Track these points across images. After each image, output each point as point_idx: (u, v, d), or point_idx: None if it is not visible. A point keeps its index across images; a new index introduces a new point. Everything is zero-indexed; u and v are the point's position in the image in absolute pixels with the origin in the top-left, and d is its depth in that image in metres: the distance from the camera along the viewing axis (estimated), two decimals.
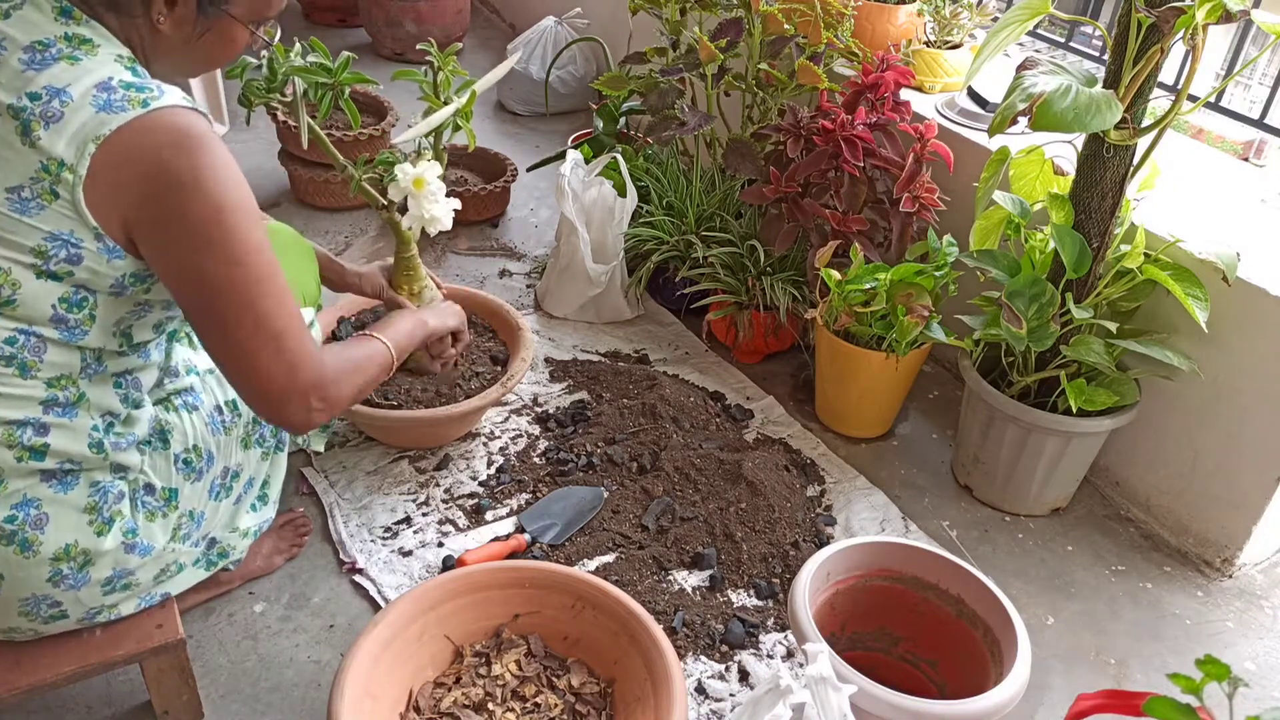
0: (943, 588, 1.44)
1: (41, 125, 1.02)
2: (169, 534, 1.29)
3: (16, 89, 1.04)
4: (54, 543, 1.16)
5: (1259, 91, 3.33)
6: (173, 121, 1.06)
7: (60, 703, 1.43)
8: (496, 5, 4.31)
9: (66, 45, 1.06)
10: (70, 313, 1.10)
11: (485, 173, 2.83)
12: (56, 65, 1.05)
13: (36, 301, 1.08)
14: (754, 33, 2.21)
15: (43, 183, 1.04)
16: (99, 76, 1.05)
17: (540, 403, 2.09)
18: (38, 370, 1.11)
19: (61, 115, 1.03)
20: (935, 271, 1.91)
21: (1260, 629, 1.75)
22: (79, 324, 1.12)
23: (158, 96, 1.06)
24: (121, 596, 1.27)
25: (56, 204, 1.04)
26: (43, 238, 1.05)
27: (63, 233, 1.06)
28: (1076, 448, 1.83)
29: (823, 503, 1.91)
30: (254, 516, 1.49)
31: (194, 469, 1.31)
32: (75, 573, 1.19)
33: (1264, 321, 1.69)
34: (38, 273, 1.07)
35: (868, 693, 1.20)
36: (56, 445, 1.14)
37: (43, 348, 1.11)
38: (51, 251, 1.06)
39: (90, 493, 1.19)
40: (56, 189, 1.04)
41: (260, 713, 1.45)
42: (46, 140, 1.03)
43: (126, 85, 1.05)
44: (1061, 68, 1.56)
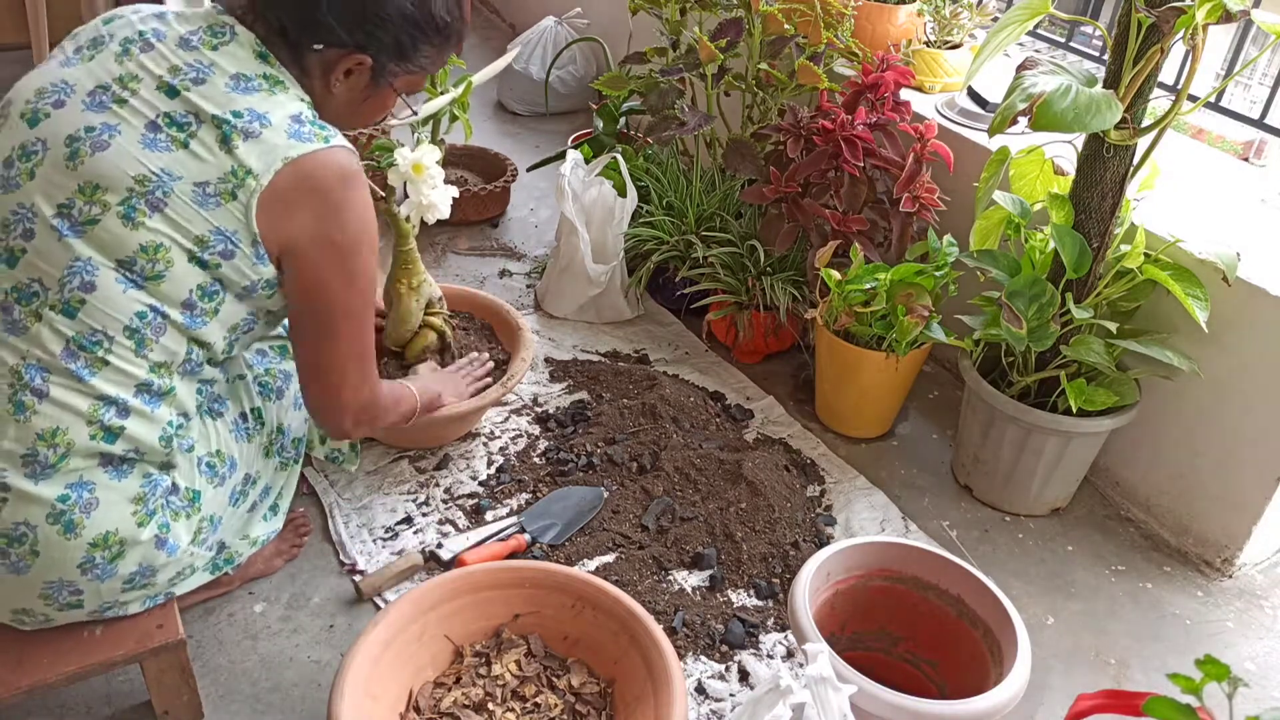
0: (943, 588, 1.44)
1: (241, 138, 1.17)
2: (191, 535, 1.31)
3: (221, 104, 1.18)
4: (96, 528, 1.19)
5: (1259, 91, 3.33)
6: (342, 159, 1.22)
7: (60, 703, 1.43)
8: (496, 5, 4.31)
9: (265, 82, 1.22)
10: (201, 301, 1.21)
11: (485, 173, 2.83)
12: (257, 94, 1.20)
13: (180, 282, 1.19)
14: (754, 33, 2.21)
15: (228, 184, 1.17)
16: (292, 110, 1.21)
17: (540, 403, 2.09)
18: (150, 350, 1.20)
19: (260, 134, 1.18)
20: (935, 271, 1.91)
21: (1260, 629, 1.75)
22: (204, 313, 1.22)
23: (333, 136, 1.23)
24: (136, 595, 1.28)
25: (232, 205, 1.17)
26: (209, 229, 1.18)
27: (227, 229, 1.18)
28: (1076, 448, 1.83)
29: (823, 503, 1.91)
30: (264, 526, 1.51)
31: (217, 474, 1.34)
32: (107, 563, 1.21)
33: (1264, 321, 1.69)
34: (191, 257, 1.18)
35: (868, 693, 1.20)
36: (132, 430, 1.20)
37: (163, 329, 1.20)
38: (213, 242, 1.18)
39: (142, 483, 1.23)
40: (237, 192, 1.17)
41: (260, 713, 1.45)
42: (243, 151, 1.17)
43: (313, 122, 1.22)
44: (1061, 68, 1.56)
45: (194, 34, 1.22)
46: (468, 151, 2.85)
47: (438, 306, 1.86)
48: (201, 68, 1.19)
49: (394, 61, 1.28)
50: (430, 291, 1.82)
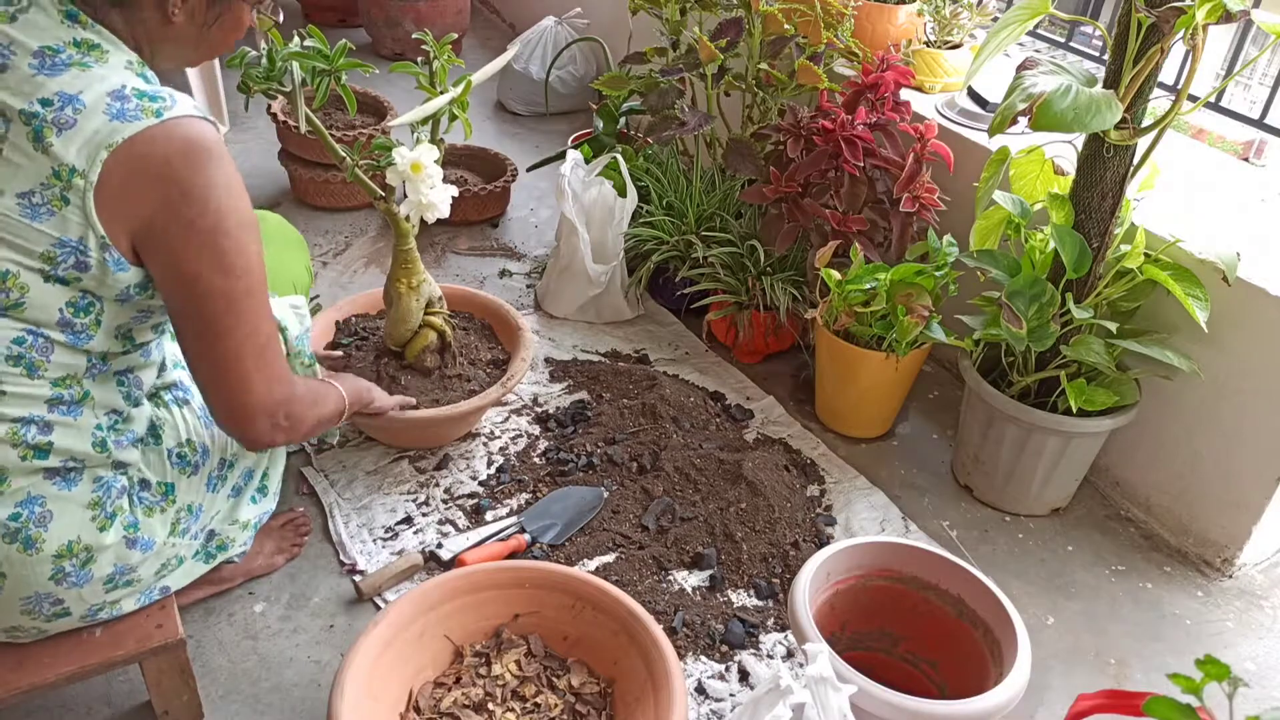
0: (943, 588, 1.44)
1: (54, 132, 1.03)
2: (168, 529, 1.30)
3: (27, 94, 1.04)
4: (57, 539, 1.17)
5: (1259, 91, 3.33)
6: (185, 132, 1.07)
7: (60, 703, 1.43)
8: (496, 5, 4.31)
9: (76, 51, 1.07)
10: (77, 317, 1.12)
11: (485, 173, 2.83)
12: (68, 72, 1.05)
13: (44, 305, 1.09)
14: (754, 33, 2.21)
15: (54, 189, 1.05)
16: (112, 84, 1.06)
17: (540, 403, 2.09)
18: (45, 370, 1.12)
19: (75, 122, 1.03)
20: (935, 271, 1.91)
21: (1260, 629, 1.75)
22: (85, 328, 1.13)
23: (170, 106, 1.07)
24: (124, 593, 1.28)
25: (66, 210, 1.06)
26: (51, 243, 1.07)
27: (70, 239, 1.07)
28: (1076, 448, 1.83)
29: (823, 503, 1.91)
30: (254, 508, 1.50)
31: (189, 463, 1.32)
32: (78, 570, 1.20)
33: (1264, 321, 1.69)
34: (45, 277, 1.08)
35: (868, 693, 1.20)
36: (61, 443, 1.15)
37: (50, 349, 1.12)
38: (60, 258, 1.07)
39: (94, 488, 1.20)
40: (67, 195, 1.05)
41: (260, 713, 1.45)
42: (59, 147, 1.03)
43: (140, 94, 1.07)
44: (1061, 68, 1.56)
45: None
46: (468, 151, 2.85)
47: (438, 306, 1.87)
48: (2, 50, 1.05)
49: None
50: (430, 291, 1.83)
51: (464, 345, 1.94)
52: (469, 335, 1.98)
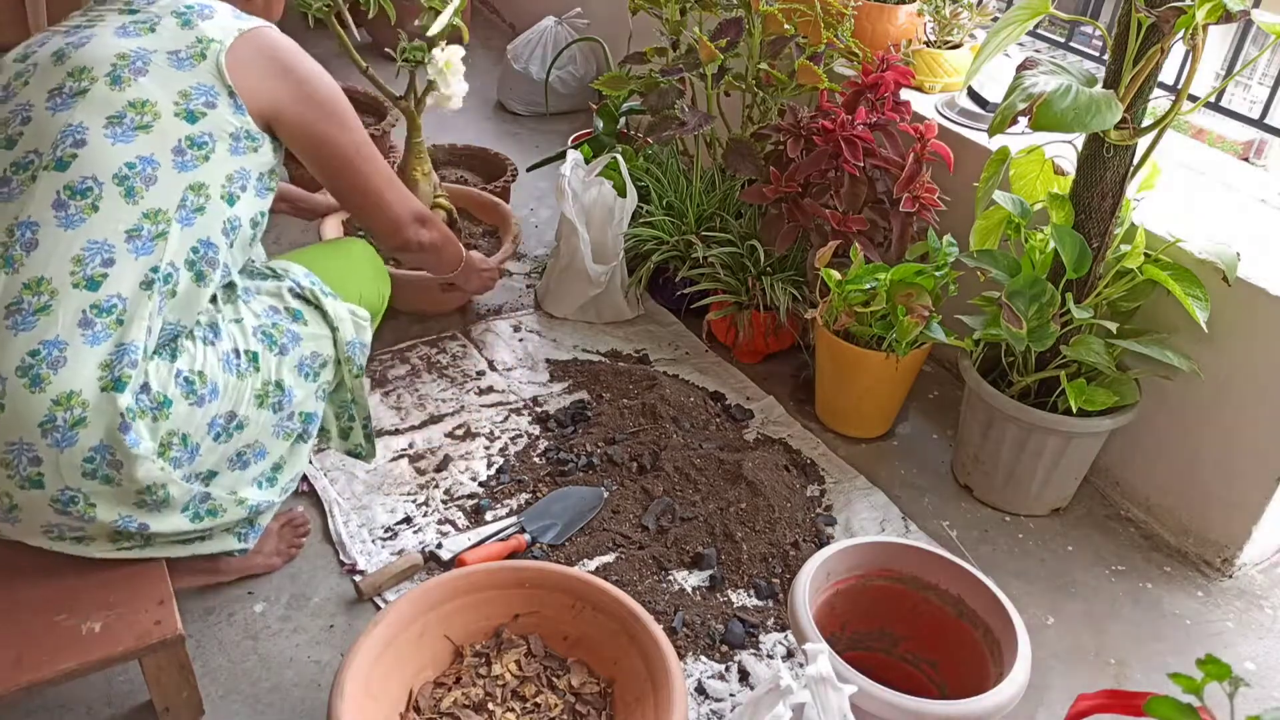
0: (943, 588, 1.44)
1: (199, 18, 1.36)
2: (156, 440, 1.27)
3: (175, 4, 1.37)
4: (61, 385, 1.19)
5: (1259, 91, 3.34)
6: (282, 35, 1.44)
7: (60, 701, 1.43)
8: (496, 5, 4.31)
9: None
10: (191, 149, 1.31)
11: (485, 172, 2.83)
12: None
13: (168, 133, 1.30)
14: (754, 33, 2.21)
15: (196, 48, 1.34)
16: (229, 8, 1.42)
17: (540, 403, 2.09)
18: (140, 197, 1.27)
19: (212, 15, 1.37)
20: (935, 271, 1.91)
21: (1260, 629, 1.75)
22: (194, 159, 1.31)
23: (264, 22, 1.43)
24: (98, 487, 1.25)
25: (204, 64, 1.33)
26: (190, 84, 1.32)
27: (205, 85, 1.33)
28: (1076, 448, 1.83)
29: (823, 503, 1.91)
30: (258, 493, 1.46)
31: (195, 391, 1.31)
32: (67, 427, 1.20)
33: (1264, 322, 1.69)
34: (176, 111, 1.30)
35: (868, 692, 1.20)
36: (114, 276, 1.24)
37: (153, 179, 1.28)
38: (194, 94, 1.32)
39: (112, 350, 1.23)
40: (205, 53, 1.34)
41: (260, 713, 1.45)
42: (202, 26, 1.35)
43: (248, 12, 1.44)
44: (1061, 68, 1.56)
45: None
46: (468, 151, 2.85)
47: (439, 191, 2.24)
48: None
49: None
50: (434, 178, 2.22)
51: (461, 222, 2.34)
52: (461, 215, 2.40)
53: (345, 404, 1.60)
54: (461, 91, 2.05)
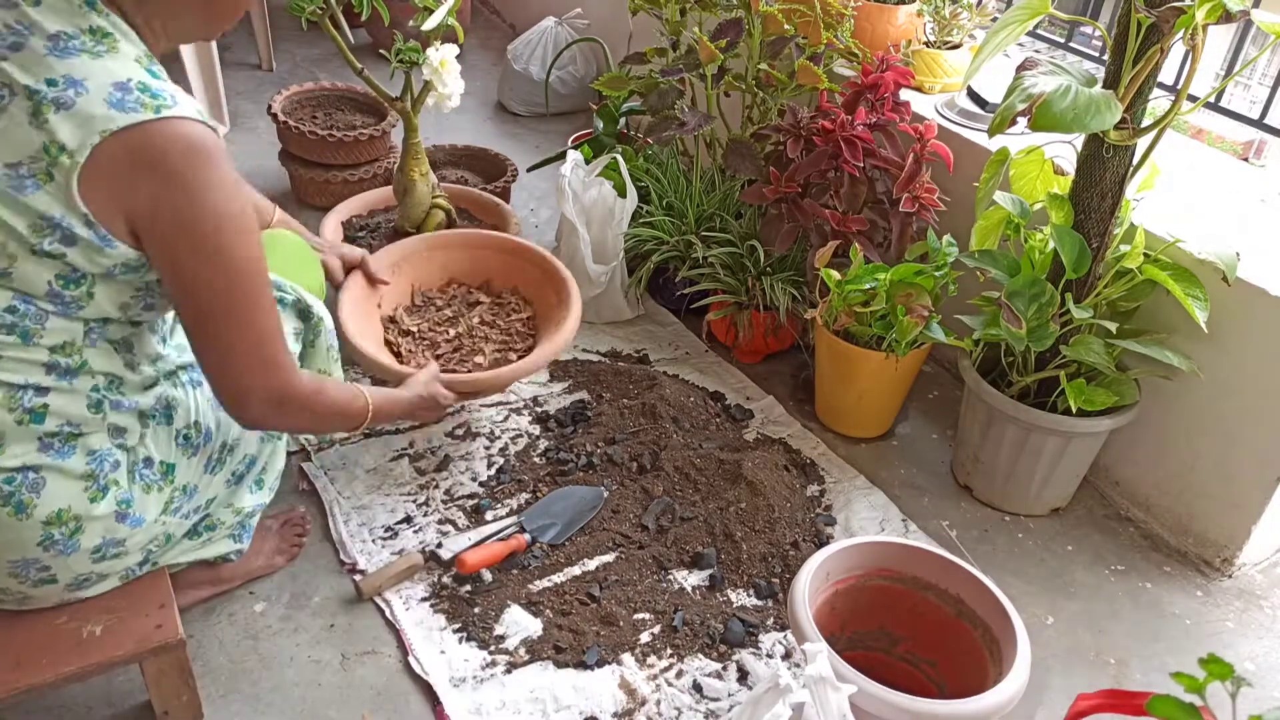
0: (942, 587, 1.44)
1: (53, 109, 1.05)
2: (161, 507, 1.30)
3: (36, 74, 1.06)
4: (48, 506, 1.19)
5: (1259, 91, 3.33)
6: (184, 132, 1.09)
7: (60, 703, 1.43)
8: (496, 5, 4.31)
9: (90, 38, 1.09)
10: (66, 290, 1.13)
11: (486, 173, 2.83)
12: (78, 58, 1.08)
13: (32, 277, 1.11)
14: (754, 33, 2.21)
15: (40, 163, 1.06)
16: (118, 75, 1.08)
17: (540, 402, 2.09)
18: (40, 338, 1.14)
19: (74, 104, 1.05)
20: (935, 271, 1.91)
21: (1260, 629, 1.75)
22: (75, 300, 1.14)
23: (170, 105, 1.09)
24: (112, 565, 1.28)
25: (50, 186, 1.07)
26: (37, 218, 1.08)
27: (54, 215, 1.08)
28: (1076, 448, 1.83)
29: (822, 502, 1.91)
30: (251, 498, 1.50)
31: (192, 444, 1.33)
32: (66, 539, 1.21)
33: (1263, 322, 1.69)
34: (32, 250, 1.10)
35: (867, 692, 1.20)
36: (56, 406, 1.17)
37: (44, 317, 1.14)
38: (45, 230, 1.09)
39: (87, 460, 1.21)
40: (53, 171, 1.06)
41: (260, 712, 1.45)
42: (54, 124, 1.05)
43: (143, 88, 1.08)
44: (1061, 68, 1.56)
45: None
46: (468, 152, 2.85)
47: (438, 191, 2.24)
48: (20, 30, 1.08)
49: None
50: (432, 178, 2.21)
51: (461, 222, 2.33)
52: (461, 216, 2.39)
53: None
54: (458, 90, 2.06)
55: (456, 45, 2.06)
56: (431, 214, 2.25)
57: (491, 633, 1.58)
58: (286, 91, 2.78)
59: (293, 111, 2.76)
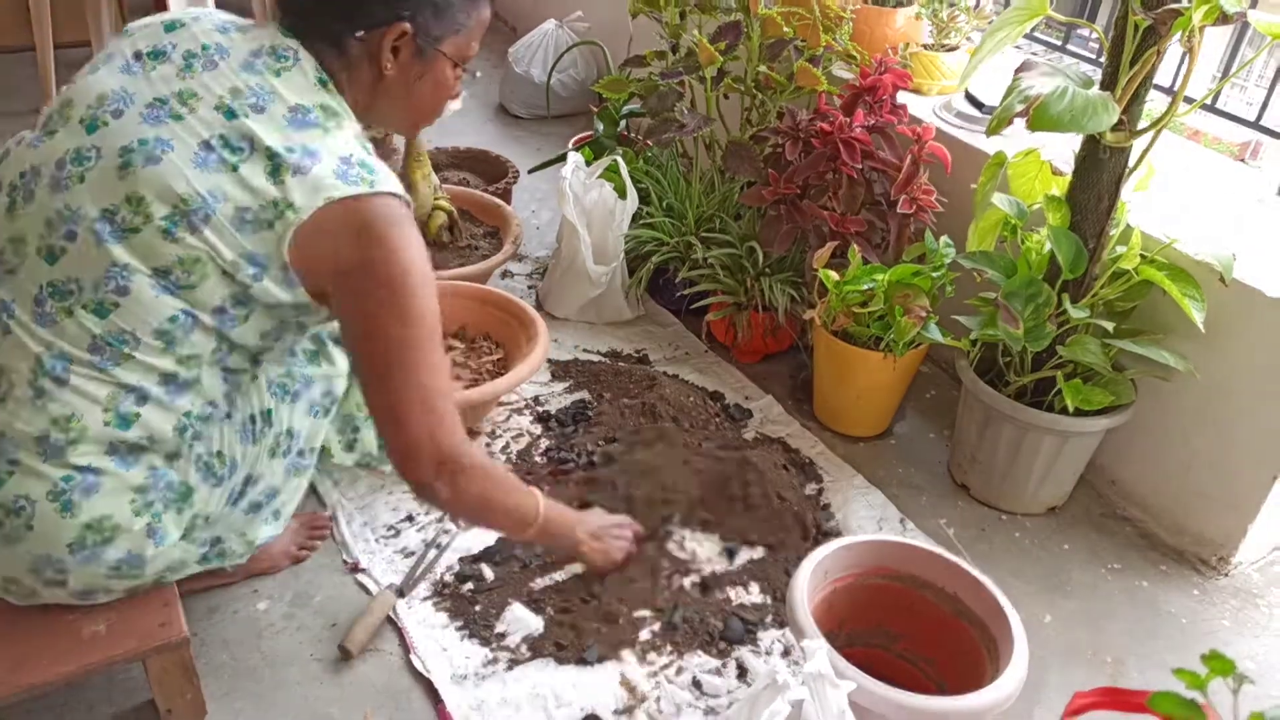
0: (940, 586, 1.45)
1: (290, 173, 1.17)
2: (181, 530, 1.31)
3: (277, 138, 1.18)
4: (92, 511, 1.20)
5: (1255, 93, 3.34)
6: (389, 205, 1.22)
7: (62, 700, 1.44)
8: (497, 8, 4.33)
9: (322, 115, 1.22)
10: (233, 309, 1.22)
11: (487, 175, 2.84)
12: (312, 131, 1.21)
13: (212, 292, 1.20)
14: (753, 36, 2.22)
15: (267, 212, 1.17)
16: (343, 151, 1.21)
17: (541, 402, 2.10)
18: (179, 346, 1.21)
19: (309, 171, 1.18)
20: (932, 272, 1.92)
21: (1256, 627, 1.76)
22: (234, 319, 1.23)
23: (381, 181, 1.22)
24: (124, 584, 1.29)
25: (267, 233, 1.18)
26: (242, 253, 1.19)
27: (259, 255, 1.19)
28: (1073, 447, 1.84)
29: (821, 501, 1.92)
30: (266, 529, 1.50)
31: (215, 474, 1.33)
32: (96, 545, 1.22)
33: (1260, 322, 1.70)
34: (223, 272, 1.19)
35: (866, 689, 1.21)
36: (147, 418, 1.21)
37: (193, 328, 1.21)
38: (243, 265, 1.19)
39: (146, 474, 1.24)
40: (275, 222, 1.18)
41: (263, 710, 1.46)
42: (290, 185, 1.17)
43: (362, 164, 1.22)
44: (1058, 70, 1.57)
45: (258, 56, 1.22)
46: (470, 154, 2.86)
47: (440, 193, 2.27)
48: (263, 94, 1.20)
49: (433, 21, 1.27)
50: (434, 180, 2.24)
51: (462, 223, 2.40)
52: (463, 217, 2.44)
53: (349, 418, 1.62)
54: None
55: None
56: (434, 215, 2.27)
57: (493, 630, 1.58)
58: None
59: None
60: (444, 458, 1.27)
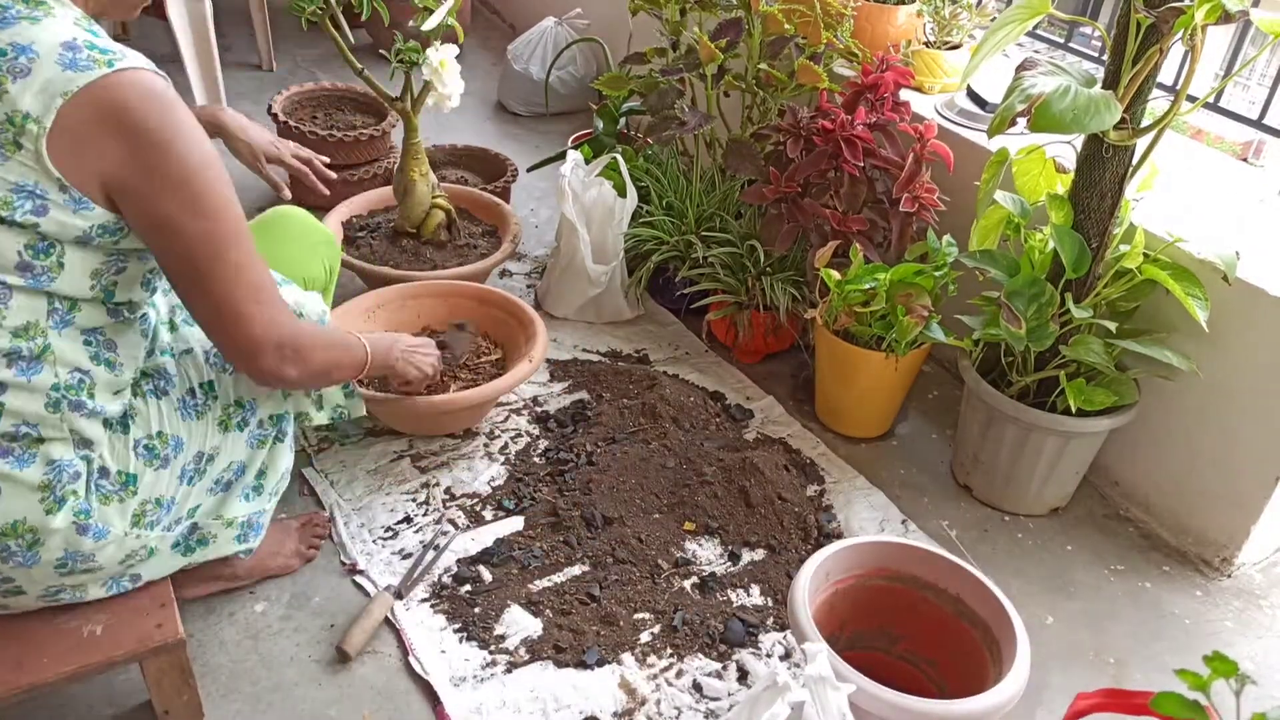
0: (942, 587, 1.44)
1: (10, 79, 1.05)
2: (128, 519, 1.26)
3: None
4: (2, 517, 1.15)
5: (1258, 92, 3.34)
6: (139, 80, 1.09)
7: (61, 702, 1.43)
8: (496, 5, 4.32)
9: (24, 6, 1.09)
10: (36, 259, 1.11)
11: (486, 173, 2.83)
12: (17, 25, 1.07)
13: (2, 248, 1.09)
14: (754, 33, 2.21)
15: (6, 133, 1.05)
16: (63, 36, 1.08)
17: (540, 402, 2.10)
18: (3, 318, 1.11)
19: (29, 70, 1.05)
20: (935, 271, 1.91)
21: (1259, 628, 1.76)
22: (46, 270, 1.12)
23: (120, 58, 1.09)
24: (85, 578, 1.26)
25: (19, 155, 1.06)
26: (8, 189, 1.07)
27: (27, 183, 1.07)
28: (1075, 447, 1.83)
29: (822, 502, 1.91)
30: (245, 506, 1.44)
31: (157, 455, 1.28)
32: (24, 550, 1.18)
33: (1263, 321, 1.69)
34: (1, 220, 1.08)
35: (866, 692, 1.20)
36: (12, 405, 1.13)
37: (8, 294, 1.11)
38: (16, 203, 1.08)
39: (45, 470, 1.17)
40: (20, 140, 1.06)
41: (261, 712, 1.45)
42: (14, 93, 1.05)
43: (90, 46, 1.08)
44: (1060, 68, 1.57)
45: None
46: (468, 152, 2.85)
47: (438, 191, 2.27)
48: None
49: None
50: (432, 178, 2.24)
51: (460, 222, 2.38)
52: (461, 216, 2.41)
53: None
54: (458, 90, 2.07)
55: (456, 45, 2.06)
56: (431, 214, 2.26)
57: (492, 632, 1.58)
58: (287, 92, 2.78)
59: (293, 111, 2.76)
60: (285, 343, 1.25)
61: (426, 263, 2.25)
